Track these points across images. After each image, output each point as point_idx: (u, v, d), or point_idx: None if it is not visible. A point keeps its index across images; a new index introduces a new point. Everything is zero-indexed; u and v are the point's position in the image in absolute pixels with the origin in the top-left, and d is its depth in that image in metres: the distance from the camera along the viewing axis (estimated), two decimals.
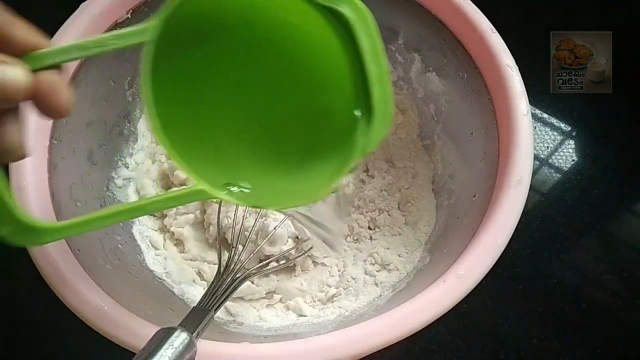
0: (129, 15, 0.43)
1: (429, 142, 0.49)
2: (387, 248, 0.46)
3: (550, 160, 0.57)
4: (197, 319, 0.31)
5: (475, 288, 0.31)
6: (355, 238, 0.47)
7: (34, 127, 0.36)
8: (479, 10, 0.41)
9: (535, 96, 0.58)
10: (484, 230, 0.33)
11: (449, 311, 0.30)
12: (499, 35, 0.39)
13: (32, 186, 0.35)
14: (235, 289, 0.38)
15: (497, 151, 0.37)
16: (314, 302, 0.45)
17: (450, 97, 0.45)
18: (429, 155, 0.50)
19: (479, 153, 0.40)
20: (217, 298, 0.35)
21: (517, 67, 0.38)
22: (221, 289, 0.36)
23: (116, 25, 0.42)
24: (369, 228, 0.48)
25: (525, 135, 0.35)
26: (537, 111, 0.59)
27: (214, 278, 0.39)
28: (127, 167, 0.48)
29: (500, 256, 0.32)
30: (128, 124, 0.48)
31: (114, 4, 0.42)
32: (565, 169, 0.57)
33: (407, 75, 0.50)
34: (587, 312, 0.49)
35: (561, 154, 0.57)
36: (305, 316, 0.43)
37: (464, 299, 0.31)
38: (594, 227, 0.54)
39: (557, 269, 0.52)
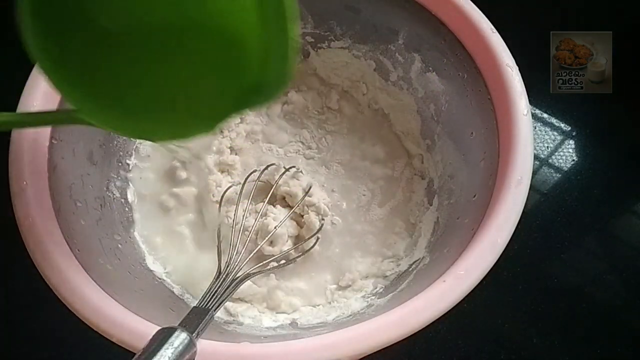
0: None
1: (429, 142, 0.49)
2: (386, 247, 0.46)
3: (550, 160, 0.57)
4: (197, 319, 0.31)
5: (475, 288, 0.31)
6: (355, 238, 0.48)
7: (34, 128, 0.37)
8: (479, 10, 0.41)
9: (535, 96, 0.58)
10: (484, 230, 0.33)
11: (449, 311, 0.30)
12: (499, 35, 0.39)
13: (32, 186, 0.35)
14: (235, 289, 0.38)
15: (497, 151, 0.37)
16: (314, 302, 0.45)
17: (451, 97, 0.45)
18: (430, 154, 0.50)
19: (479, 153, 0.40)
20: (217, 298, 0.35)
21: (517, 67, 0.38)
22: (221, 289, 0.36)
23: None
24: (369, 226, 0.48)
25: (526, 135, 0.35)
26: (537, 111, 0.59)
27: (214, 278, 0.39)
28: (127, 167, 0.48)
29: (500, 256, 0.32)
30: None
31: None
32: (565, 169, 0.57)
33: (407, 75, 0.50)
34: (587, 312, 0.49)
35: (561, 154, 0.57)
36: (305, 316, 0.43)
37: (464, 299, 0.31)
38: (594, 227, 0.54)
39: (557, 269, 0.52)
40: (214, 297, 0.35)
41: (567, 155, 0.57)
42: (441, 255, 0.39)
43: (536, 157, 0.57)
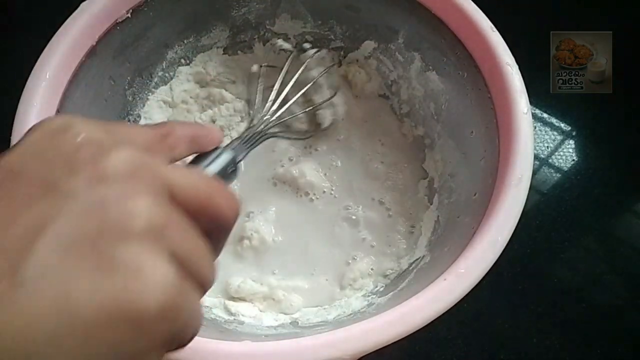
0: (129, 15, 0.43)
1: (429, 141, 0.49)
2: (387, 246, 0.46)
3: (550, 160, 0.57)
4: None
5: (475, 288, 0.31)
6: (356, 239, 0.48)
7: None
8: (478, 9, 0.40)
9: (535, 96, 0.58)
10: (485, 229, 0.33)
11: (449, 310, 0.30)
12: (498, 34, 0.39)
13: None
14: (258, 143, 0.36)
15: (497, 149, 0.37)
16: (315, 301, 0.45)
17: (450, 95, 0.45)
18: (430, 153, 0.50)
19: (480, 151, 0.40)
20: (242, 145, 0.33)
21: (516, 66, 0.38)
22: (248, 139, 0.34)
23: (116, 25, 0.42)
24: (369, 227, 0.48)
25: (526, 134, 0.35)
26: (537, 111, 0.59)
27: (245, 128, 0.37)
28: None
29: (500, 256, 0.32)
30: (128, 124, 0.48)
31: (114, 3, 0.42)
32: (565, 169, 0.57)
33: (407, 74, 0.50)
34: (587, 312, 0.49)
35: (561, 154, 0.57)
36: (305, 315, 0.43)
37: (463, 299, 0.31)
38: (594, 227, 0.54)
39: (557, 269, 0.52)
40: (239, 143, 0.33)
41: (567, 155, 0.57)
42: (442, 253, 0.39)
43: (536, 157, 0.57)
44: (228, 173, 0.27)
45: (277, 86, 0.44)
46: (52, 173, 0.16)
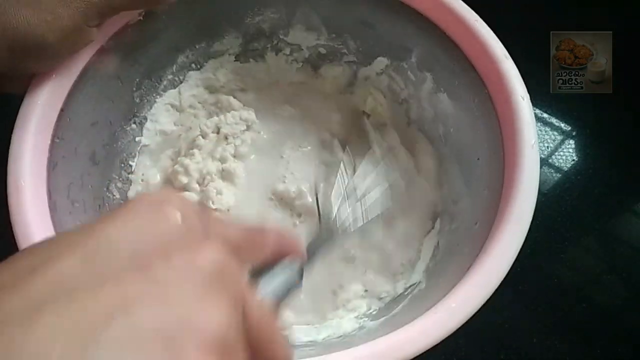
0: (140, 17, 0.42)
1: (436, 163, 0.49)
2: (385, 269, 0.46)
3: (550, 160, 0.57)
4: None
5: None
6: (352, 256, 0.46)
7: (36, 125, 0.36)
8: (493, 35, 0.40)
9: (535, 96, 0.58)
10: (481, 265, 0.32)
11: None
12: (512, 62, 0.38)
13: (29, 185, 0.34)
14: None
15: (501, 181, 0.36)
16: (308, 319, 0.43)
17: (460, 119, 0.44)
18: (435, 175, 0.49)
19: (484, 180, 0.39)
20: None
21: (528, 96, 0.37)
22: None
23: (128, 27, 0.42)
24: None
25: (531, 170, 0.34)
26: (537, 111, 0.59)
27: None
28: (130, 168, 0.48)
29: None
30: (133, 125, 0.48)
31: None
32: (565, 169, 0.57)
33: (418, 94, 0.49)
34: (587, 312, 0.49)
35: (561, 154, 0.57)
36: (295, 333, 0.41)
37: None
38: (594, 227, 0.54)
39: (557, 269, 0.52)
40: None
41: (567, 155, 0.57)
42: (437, 282, 0.38)
43: None
44: (296, 284, 0.27)
45: (342, 184, 0.42)
46: (146, 253, 0.16)
